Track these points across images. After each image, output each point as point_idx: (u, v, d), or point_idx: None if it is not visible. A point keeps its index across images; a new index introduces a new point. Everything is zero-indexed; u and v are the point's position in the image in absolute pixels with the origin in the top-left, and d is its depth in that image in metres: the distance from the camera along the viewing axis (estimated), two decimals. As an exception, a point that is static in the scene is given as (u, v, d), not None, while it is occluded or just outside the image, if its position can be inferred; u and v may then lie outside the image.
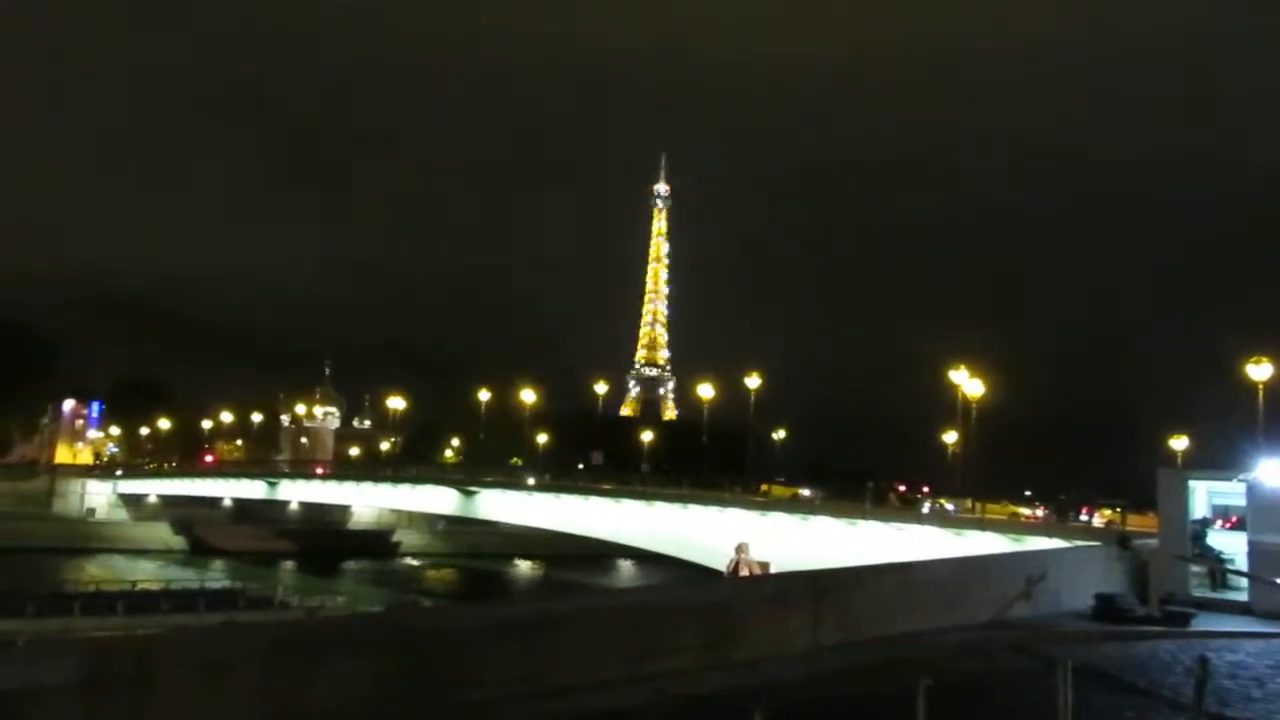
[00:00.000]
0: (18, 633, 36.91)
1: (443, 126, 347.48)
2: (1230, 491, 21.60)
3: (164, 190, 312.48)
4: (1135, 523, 32.90)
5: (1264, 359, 35.89)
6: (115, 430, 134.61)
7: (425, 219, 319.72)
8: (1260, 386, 35.87)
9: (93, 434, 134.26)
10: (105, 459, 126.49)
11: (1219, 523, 22.06)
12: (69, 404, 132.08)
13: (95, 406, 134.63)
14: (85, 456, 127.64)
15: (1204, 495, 22.19)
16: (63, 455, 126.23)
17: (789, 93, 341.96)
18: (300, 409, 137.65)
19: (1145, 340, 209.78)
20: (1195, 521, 21.42)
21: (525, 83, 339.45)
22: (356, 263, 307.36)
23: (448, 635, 11.07)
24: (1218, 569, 20.83)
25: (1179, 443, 60.27)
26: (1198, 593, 20.08)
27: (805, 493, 51.25)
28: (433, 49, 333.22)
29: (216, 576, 67.48)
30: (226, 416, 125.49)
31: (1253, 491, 20.58)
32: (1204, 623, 17.58)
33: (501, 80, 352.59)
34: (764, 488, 53.45)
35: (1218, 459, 34.17)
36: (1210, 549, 21.13)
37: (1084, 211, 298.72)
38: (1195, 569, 20.74)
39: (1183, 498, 21.44)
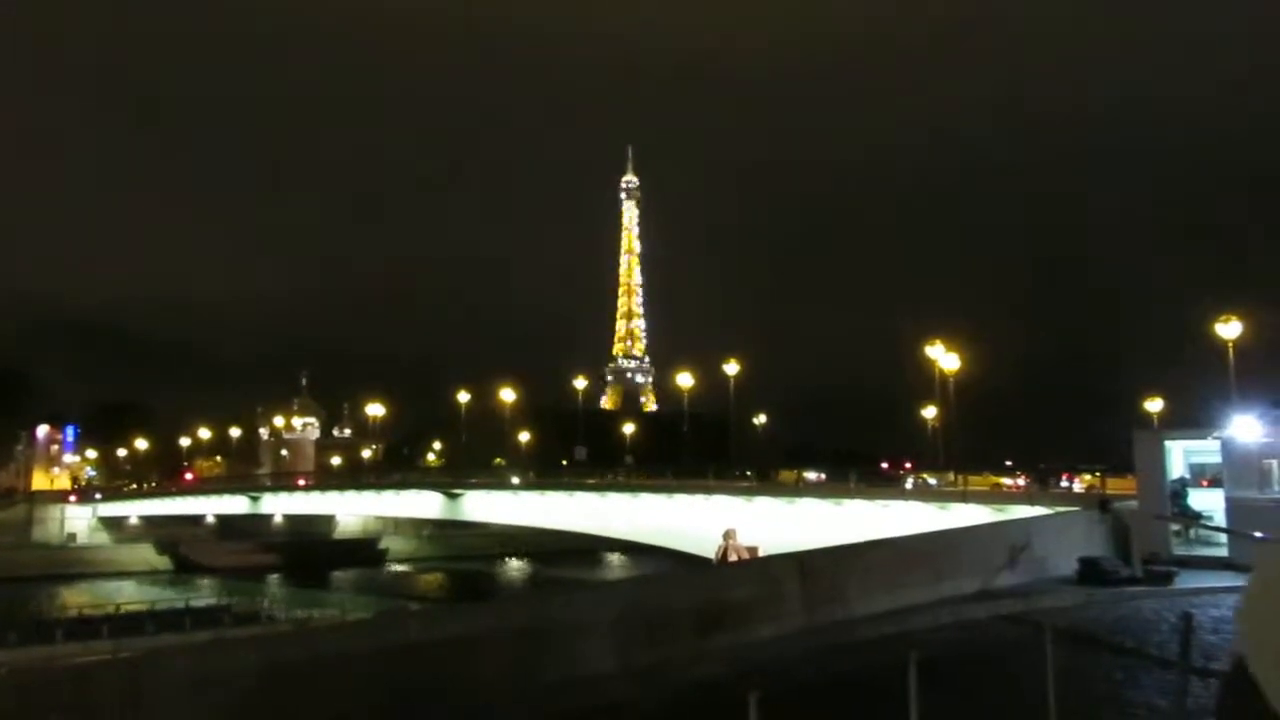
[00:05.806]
0: (0, 663, 36.48)
1: (396, 124, 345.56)
2: (1206, 450, 21.92)
3: (118, 210, 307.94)
4: (1115, 486, 33.18)
5: (1232, 317, 36.31)
6: (92, 454, 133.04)
7: (385, 221, 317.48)
8: (1229, 345, 36.31)
9: (69, 458, 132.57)
10: (83, 483, 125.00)
11: (1202, 482, 22.39)
12: (43, 430, 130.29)
13: (70, 431, 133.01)
14: (63, 482, 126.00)
15: (1180, 455, 22.50)
16: (39, 482, 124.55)
17: (754, 80, 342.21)
18: (279, 421, 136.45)
19: (1125, 303, 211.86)
20: (1174, 481, 21.74)
21: (487, 77, 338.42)
22: (314, 268, 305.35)
23: (441, 640, 11.06)
24: (1189, 525, 21.17)
25: (1154, 405, 60.86)
26: (1179, 551, 20.37)
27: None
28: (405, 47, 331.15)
29: (203, 594, 66.74)
30: (205, 433, 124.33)
31: (1227, 448, 20.91)
32: (1186, 580, 17.86)
33: (465, 75, 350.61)
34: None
35: (1192, 419, 34.59)
36: (1189, 508, 21.46)
37: (1049, 175, 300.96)
38: (1175, 527, 21.05)
39: (1159, 458, 21.75)
